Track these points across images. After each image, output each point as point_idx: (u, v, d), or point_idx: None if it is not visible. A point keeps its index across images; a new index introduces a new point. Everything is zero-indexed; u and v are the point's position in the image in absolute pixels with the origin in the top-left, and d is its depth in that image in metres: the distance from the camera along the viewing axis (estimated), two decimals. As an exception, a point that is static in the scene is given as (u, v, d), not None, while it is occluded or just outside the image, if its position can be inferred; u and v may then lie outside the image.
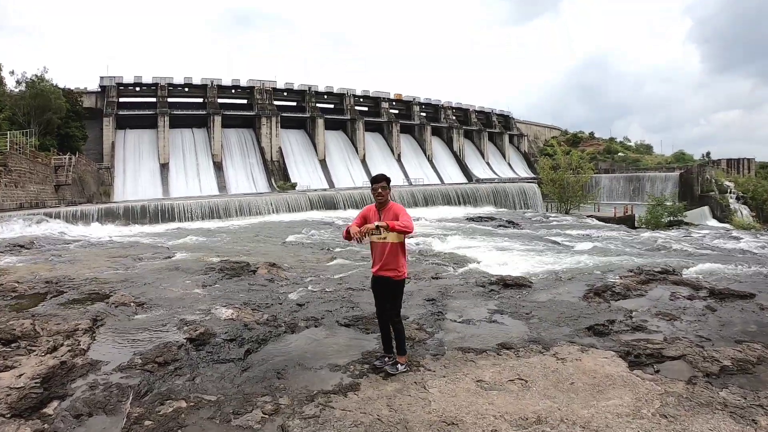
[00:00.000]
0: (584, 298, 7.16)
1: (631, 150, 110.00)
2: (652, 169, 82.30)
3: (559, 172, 44.89)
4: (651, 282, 8.13)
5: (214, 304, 6.62)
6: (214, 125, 61.54)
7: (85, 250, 14.29)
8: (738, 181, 65.04)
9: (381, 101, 79.51)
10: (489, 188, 45.57)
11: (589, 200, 45.60)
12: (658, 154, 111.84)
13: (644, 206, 49.96)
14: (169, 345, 4.99)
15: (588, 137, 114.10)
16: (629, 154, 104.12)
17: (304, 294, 7.34)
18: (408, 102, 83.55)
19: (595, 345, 5.10)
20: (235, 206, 29.75)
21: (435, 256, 12.66)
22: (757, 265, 11.14)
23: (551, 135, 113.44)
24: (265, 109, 66.32)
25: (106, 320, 6.09)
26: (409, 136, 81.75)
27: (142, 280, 8.62)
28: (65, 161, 35.92)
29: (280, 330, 5.57)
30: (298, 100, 73.91)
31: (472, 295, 7.40)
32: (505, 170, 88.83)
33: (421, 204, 37.28)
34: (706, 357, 4.60)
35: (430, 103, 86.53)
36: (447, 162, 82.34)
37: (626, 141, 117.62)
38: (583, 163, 49.90)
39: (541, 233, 20.05)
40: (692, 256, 13.67)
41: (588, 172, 49.33)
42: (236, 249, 14.11)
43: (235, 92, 69.73)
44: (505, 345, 5.13)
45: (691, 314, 6.09)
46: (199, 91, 66.52)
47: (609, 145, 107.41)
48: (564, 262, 12.09)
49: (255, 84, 68.46)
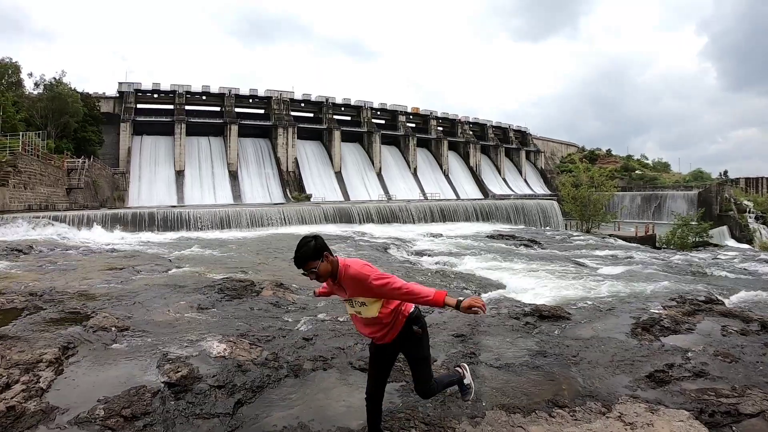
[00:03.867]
0: (632, 335, 6.24)
1: (649, 168, 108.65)
2: (669, 188, 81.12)
3: (581, 189, 43.71)
4: (697, 313, 7.32)
5: (206, 334, 5.66)
6: (231, 134, 61.34)
7: (83, 258, 13.57)
8: (757, 201, 63.73)
9: (398, 114, 79.18)
10: (507, 204, 44.46)
11: (611, 219, 44.30)
12: (676, 172, 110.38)
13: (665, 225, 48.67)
14: (143, 391, 4.04)
15: (605, 154, 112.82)
16: (647, 171, 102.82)
17: (313, 324, 6.36)
18: (425, 116, 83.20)
19: (662, 401, 4.21)
20: (247, 216, 28.91)
21: (458, 277, 11.71)
22: None
23: (568, 152, 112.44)
24: (282, 119, 66.10)
25: (79, 348, 5.19)
26: (425, 150, 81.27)
27: (132, 298, 7.74)
28: (78, 164, 35.66)
29: (281, 373, 4.58)
30: (315, 112, 73.80)
31: (506, 329, 6.41)
32: (522, 186, 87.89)
33: (438, 219, 36.24)
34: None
35: (447, 117, 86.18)
36: (463, 177, 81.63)
37: (644, 159, 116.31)
38: (606, 181, 48.65)
39: (567, 254, 19.04)
40: (729, 282, 13.12)
41: (611, 190, 48.05)
42: (243, 264, 13.22)
43: (252, 102, 69.74)
44: (557, 402, 4.18)
45: (750, 354, 5.36)
46: (216, 100, 66.60)
47: (626, 162, 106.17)
48: (597, 288, 11.21)
49: (272, 94, 68.43)
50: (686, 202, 64.12)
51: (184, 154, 58.83)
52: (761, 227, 58.71)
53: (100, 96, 59.26)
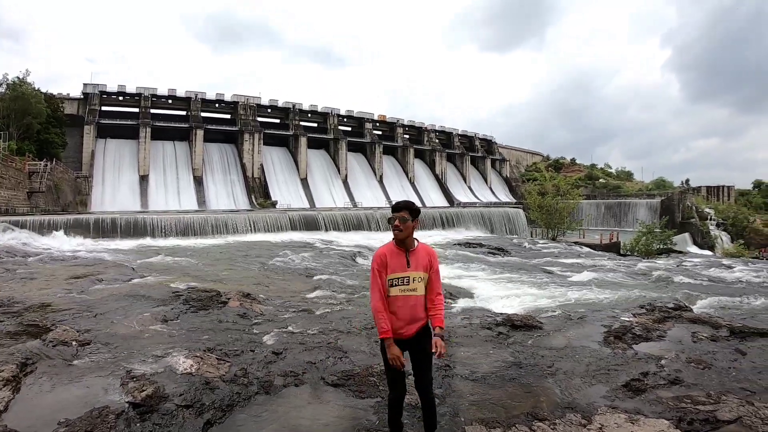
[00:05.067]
0: (605, 343, 6.27)
1: (612, 176, 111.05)
2: (633, 196, 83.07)
3: (546, 197, 44.38)
4: (667, 320, 7.40)
5: (171, 348, 5.41)
6: (196, 139, 60.28)
7: (44, 266, 13.09)
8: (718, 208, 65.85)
9: (365, 122, 79.18)
10: (474, 212, 44.87)
11: (576, 226, 45.08)
12: (639, 180, 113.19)
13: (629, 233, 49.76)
14: (106, 412, 3.79)
15: (570, 163, 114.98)
16: (610, 180, 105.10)
17: (282, 337, 6.15)
18: (392, 123, 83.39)
19: (641, 410, 4.22)
20: (212, 224, 28.39)
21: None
22: (761, 297, 11.27)
23: (533, 160, 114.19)
24: (249, 125, 65.35)
25: (38, 365, 4.89)
26: (391, 158, 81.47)
27: (94, 309, 7.41)
28: (40, 167, 34.50)
29: (251, 390, 4.38)
30: (281, 118, 73.23)
31: (479, 340, 6.35)
32: (487, 195, 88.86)
33: (405, 227, 36.18)
34: (764, 418, 3.98)
35: (413, 125, 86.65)
36: (429, 185, 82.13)
37: (607, 167, 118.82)
38: (571, 189, 49.55)
39: (535, 262, 19.23)
40: (695, 288, 13.38)
41: (576, 198, 48.94)
42: (208, 273, 12.91)
43: (218, 107, 68.74)
44: (536, 415, 4.11)
45: (722, 360, 5.45)
46: (182, 104, 65.45)
47: (590, 171, 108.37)
48: (567, 296, 11.42)
49: (239, 99, 67.60)
50: (649, 210, 65.68)
51: (149, 159, 57.54)
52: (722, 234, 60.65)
53: (65, 97, 57.52)
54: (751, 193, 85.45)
